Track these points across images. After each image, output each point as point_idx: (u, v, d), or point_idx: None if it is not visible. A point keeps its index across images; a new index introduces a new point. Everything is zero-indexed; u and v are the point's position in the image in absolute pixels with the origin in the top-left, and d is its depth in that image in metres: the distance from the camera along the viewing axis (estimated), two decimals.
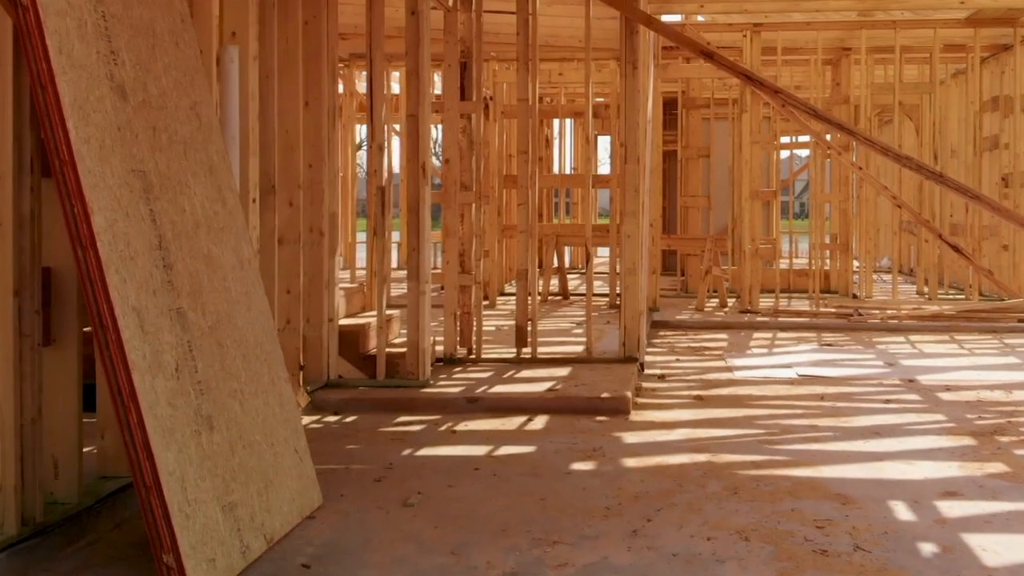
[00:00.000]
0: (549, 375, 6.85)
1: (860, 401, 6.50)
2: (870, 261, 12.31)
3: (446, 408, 6.06)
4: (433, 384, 6.48)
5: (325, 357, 6.39)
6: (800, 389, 6.88)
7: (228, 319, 4.00)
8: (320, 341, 6.36)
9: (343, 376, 6.52)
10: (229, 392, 3.86)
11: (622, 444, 5.30)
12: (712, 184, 13.29)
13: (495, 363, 7.31)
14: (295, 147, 6.01)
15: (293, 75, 6.01)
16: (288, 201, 6.00)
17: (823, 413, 6.10)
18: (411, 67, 6.44)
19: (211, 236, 4.04)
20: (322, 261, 6.36)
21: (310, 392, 6.14)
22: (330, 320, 6.43)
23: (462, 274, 7.39)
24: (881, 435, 5.55)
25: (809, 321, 10.24)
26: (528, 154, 7.41)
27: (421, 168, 6.40)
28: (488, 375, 6.88)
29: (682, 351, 8.64)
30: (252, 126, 5.29)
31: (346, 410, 6.09)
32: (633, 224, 7.30)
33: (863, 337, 9.52)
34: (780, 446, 5.29)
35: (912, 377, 7.32)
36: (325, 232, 6.37)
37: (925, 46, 12.09)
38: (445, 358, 7.30)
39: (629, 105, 7.32)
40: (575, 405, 6.03)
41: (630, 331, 7.33)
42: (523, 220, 7.44)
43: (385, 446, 5.28)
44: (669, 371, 7.59)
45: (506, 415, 5.94)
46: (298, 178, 6.01)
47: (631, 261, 7.32)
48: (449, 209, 7.31)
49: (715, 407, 6.26)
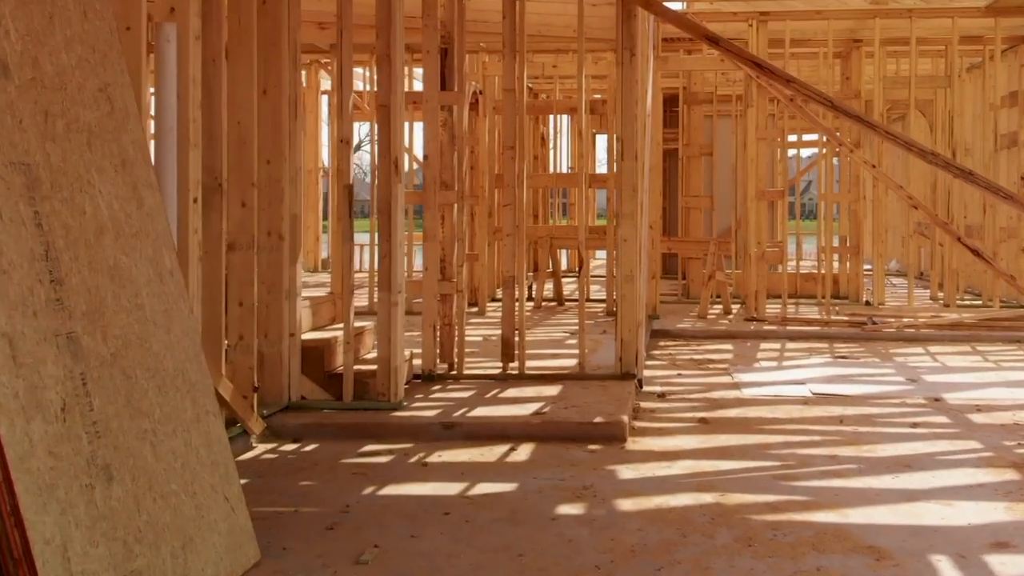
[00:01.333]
0: (537, 394, 6.17)
1: (883, 425, 5.82)
2: (882, 265, 11.61)
3: (419, 435, 5.38)
4: (406, 406, 5.81)
5: (285, 376, 5.71)
6: (816, 410, 6.20)
7: (140, 343, 3.32)
8: (279, 358, 5.69)
9: (306, 397, 5.84)
10: (137, 433, 3.18)
11: (617, 480, 4.61)
12: (714, 184, 12.62)
13: (478, 380, 6.63)
14: (249, 141, 5.33)
15: (247, 60, 5.33)
16: (240, 201, 5.32)
17: (843, 440, 5.42)
18: (382, 51, 5.76)
19: (120, 243, 3.36)
20: (282, 268, 5.68)
21: (266, 417, 5.46)
22: (291, 335, 5.75)
23: (442, 281, 6.71)
24: (911, 468, 4.88)
25: (820, 330, 9.55)
26: (515, 150, 6.73)
27: (393, 165, 5.72)
28: (469, 394, 6.20)
29: (684, 364, 7.96)
30: (192, 116, 4.62)
31: (306, 437, 5.41)
32: (631, 227, 6.63)
33: (878, 348, 8.84)
34: (798, 482, 4.60)
35: (938, 395, 6.64)
36: (286, 236, 5.70)
37: (940, 38, 11.41)
38: (423, 375, 6.62)
39: (626, 96, 6.65)
40: (564, 431, 5.35)
41: (627, 344, 6.65)
42: (509, 222, 6.76)
43: (345, 482, 4.59)
44: (670, 388, 6.91)
45: (486, 443, 5.26)
46: (252, 175, 5.33)
47: (628, 267, 6.65)
48: (429, 210, 6.64)
49: (722, 432, 5.58)
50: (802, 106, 9.98)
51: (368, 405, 5.74)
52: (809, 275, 12.74)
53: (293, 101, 5.74)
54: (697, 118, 12.44)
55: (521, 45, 6.72)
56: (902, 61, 12.99)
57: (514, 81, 6.74)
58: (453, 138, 6.73)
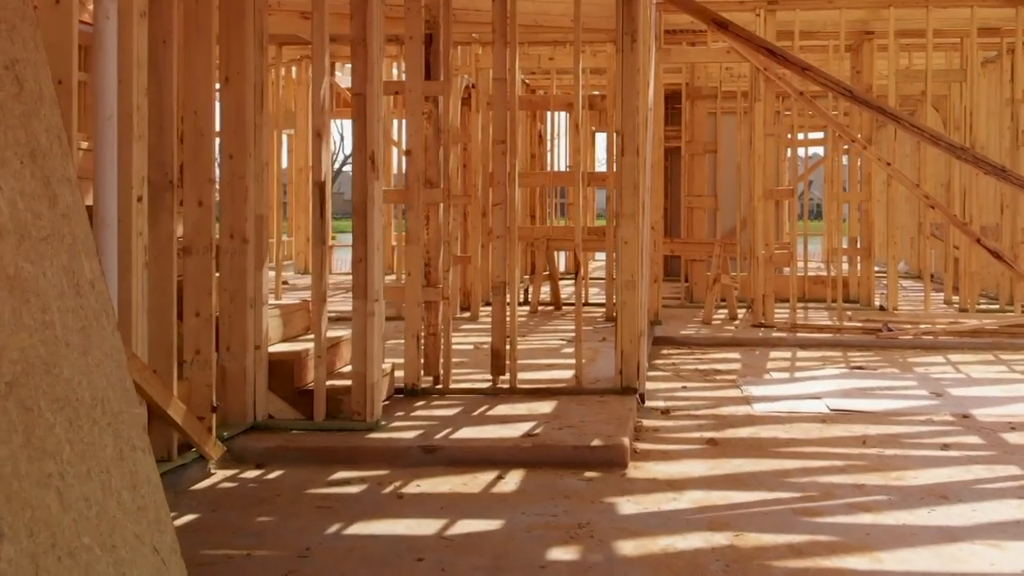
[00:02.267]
0: (529, 412, 5.62)
1: (911, 447, 5.27)
2: (895, 268, 11.05)
3: (396, 460, 4.83)
4: (384, 426, 5.26)
5: (250, 394, 5.17)
6: (835, 429, 5.66)
7: (46, 369, 2.77)
8: (243, 374, 5.14)
9: (274, 416, 5.30)
10: (39, 478, 2.63)
11: (616, 517, 4.06)
12: (718, 183, 12.08)
13: (466, 395, 6.09)
14: (207, 132, 4.79)
15: (205, 43, 4.78)
16: (197, 200, 4.77)
17: (869, 465, 4.88)
18: (357, 35, 5.22)
19: (25, 249, 2.82)
20: (246, 274, 5.14)
21: (227, 439, 4.92)
22: (257, 347, 5.20)
23: (427, 287, 6.17)
24: (948, 499, 4.33)
25: (832, 337, 9.00)
26: (506, 144, 6.18)
27: (369, 160, 5.17)
28: (455, 412, 5.65)
29: (689, 375, 7.41)
30: (137, 103, 4.08)
31: (271, 462, 4.86)
32: (631, 228, 6.09)
33: (895, 357, 8.29)
34: (822, 518, 4.06)
35: (966, 411, 6.10)
36: (250, 238, 5.15)
37: (956, 29, 10.87)
38: (406, 389, 6.08)
39: (627, 86, 6.11)
40: (558, 456, 4.80)
41: (628, 356, 6.11)
42: (500, 223, 6.21)
43: (308, 518, 4.05)
44: (675, 403, 6.36)
45: (471, 470, 4.71)
46: (210, 171, 4.78)
47: (629, 272, 6.10)
48: (412, 210, 6.09)
49: (733, 455, 5.04)
50: (812, 100, 9.43)
51: (341, 425, 5.20)
52: (817, 278, 12.19)
53: (259, 90, 5.20)
54: (700, 114, 11.90)
55: (512, 31, 6.17)
56: (914, 54, 12.45)
57: (505, 70, 6.19)
58: (439, 131, 6.18)
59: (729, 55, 9.74)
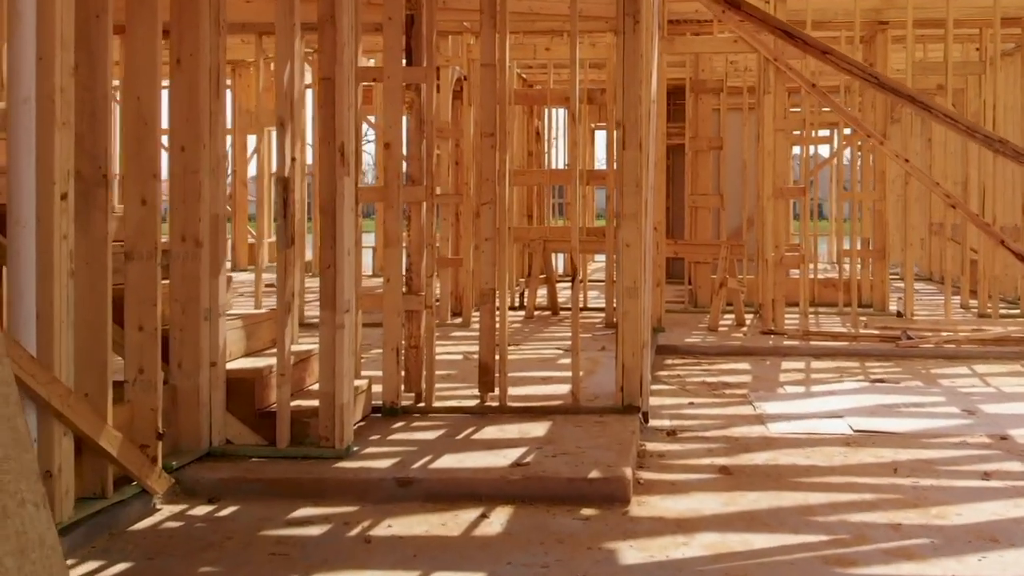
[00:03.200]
0: (520, 435, 5.04)
1: (948, 475, 4.69)
2: (912, 271, 10.45)
3: (367, 494, 4.25)
4: (356, 452, 4.67)
5: (205, 416, 4.59)
6: (861, 454, 5.07)
7: None
8: (197, 393, 4.56)
9: (232, 441, 4.71)
10: None
11: (617, 568, 3.48)
12: (723, 182, 11.50)
13: (450, 414, 5.51)
14: (152, 121, 4.20)
15: (148, 18, 4.19)
16: (140, 198, 4.18)
17: (904, 500, 4.29)
18: (324, 12, 4.63)
19: None
20: (200, 282, 4.56)
21: (176, 469, 4.34)
22: (213, 364, 4.62)
23: (408, 295, 5.59)
24: (999, 542, 3.76)
25: (848, 346, 8.42)
26: (495, 137, 5.60)
27: (339, 152, 4.59)
28: (437, 435, 5.07)
29: (696, 389, 6.82)
30: (60, 84, 3.50)
31: (226, 495, 4.28)
32: (633, 229, 5.50)
33: (917, 368, 7.70)
34: (857, 569, 3.48)
35: (1003, 432, 5.51)
36: (205, 241, 4.57)
37: (976, 19, 10.28)
38: (384, 407, 5.49)
39: (628, 73, 5.53)
40: (552, 490, 4.22)
41: (630, 371, 5.53)
42: (488, 224, 5.63)
43: (259, 567, 3.47)
44: (682, 422, 5.78)
45: (451, 506, 4.13)
46: (155, 165, 4.19)
47: (631, 278, 5.52)
48: (390, 209, 5.51)
49: (749, 487, 4.45)
50: (826, 94, 8.85)
51: (307, 452, 4.61)
52: (828, 281, 11.60)
53: (216, 74, 4.62)
54: (705, 108, 11.30)
55: (503, 14, 5.59)
56: (930, 46, 11.87)
57: (493, 56, 5.61)
58: (421, 123, 5.60)
59: (736, 44, 9.16)
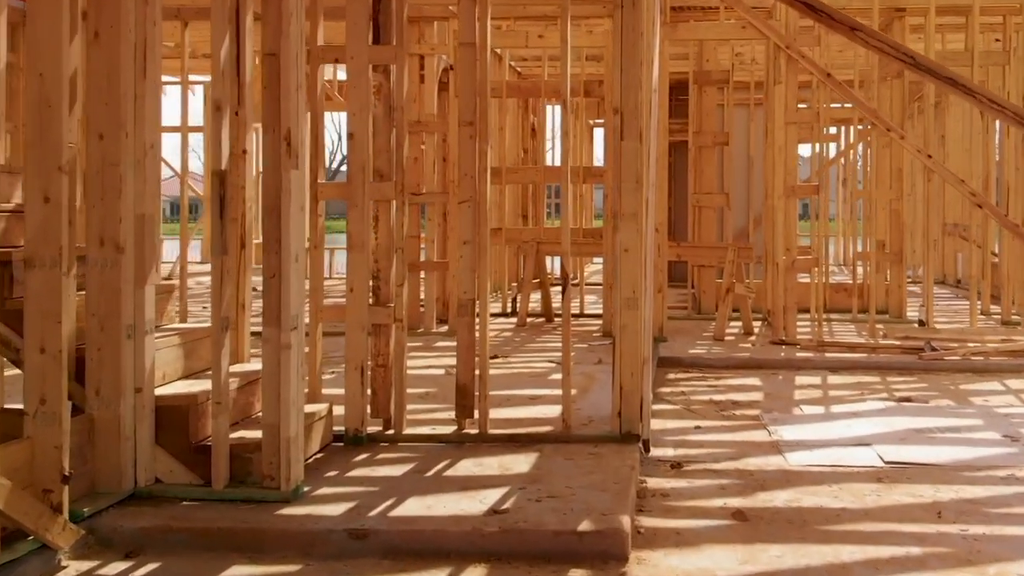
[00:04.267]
0: (501, 470, 4.34)
1: (1000, 520, 3.99)
2: (932, 275, 9.74)
3: (314, 548, 3.55)
4: (306, 495, 3.98)
5: (129, 450, 3.90)
6: (897, 492, 4.37)
7: None
8: (118, 424, 3.87)
9: (163, 480, 4.02)
10: None
11: None
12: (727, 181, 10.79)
13: (424, 443, 4.81)
14: (56, 104, 3.50)
15: None
16: (42, 194, 3.48)
17: (955, 554, 3.60)
18: None
19: None
20: (120, 293, 3.86)
21: (88, 517, 3.64)
22: (138, 390, 3.93)
23: (375, 307, 4.89)
24: None
25: (867, 358, 7.72)
26: (474, 126, 4.90)
27: (284, 141, 3.89)
28: (405, 470, 4.37)
29: (703, 410, 6.12)
30: None
31: (148, 548, 3.59)
32: (632, 231, 4.81)
33: (944, 383, 7.00)
34: None
35: None
36: (127, 245, 3.88)
37: (1002, 6, 9.57)
38: (347, 436, 4.80)
39: (627, 52, 4.84)
40: (534, 545, 3.52)
41: (628, 394, 4.83)
42: (467, 225, 4.93)
43: None
44: (687, 451, 5.08)
45: (415, 565, 3.43)
46: (59, 156, 3.49)
47: (631, 287, 4.82)
48: (355, 209, 4.81)
49: (769, 538, 3.76)
50: (842, 84, 8.16)
51: (248, 494, 3.91)
52: (840, 285, 10.90)
53: (143, 49, 3.92)
54: (709, 102, 10.59)
55: None
56: (948, 36, 11.16)
57: (474, 33, 4.91)
58: (391, 110, 4.90)
59: (745, 31, 8.46)
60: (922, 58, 4.60)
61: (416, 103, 8.95)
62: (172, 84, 15.40)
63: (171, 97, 15.31)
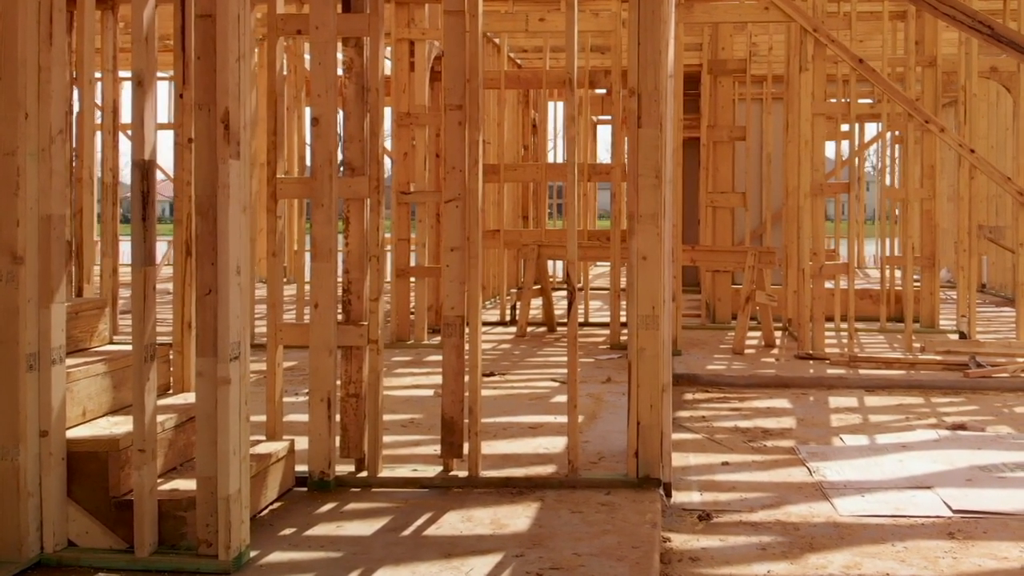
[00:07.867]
0: (493, 528, 3.57)
1: None
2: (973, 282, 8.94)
3: None
4: (252, 563, 3.20)
5: (32, 508, 3.13)
6: (975, 554, 3.59)
7: None
8: (17, 476, 3.10)
9: (76, 543, 3.25)
10: None
11: None
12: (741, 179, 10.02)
13: (402, 490, 4.04)
14: None
15: None
16: None
17: None
18: None
19: None
20: (18, 314, 3.10)
21: None
22: (44, 434, 3.16)
23: (345, 326, 4.11)
24: None
25: (905, 376, 6.94)
26: (463, 111, 4.13)
27: (222, 124, 3.11)
28: (377, 527, 3.60)
29: (729, 440, 5.34)
30: None
31: None
32: (651, 235, 4.04)
33: (996, 404, 6.23)
34: None
35: None
36: (27, 255, 3.11)
37: None
38: (312, 479, 4.02)
39: (645, 25, 4.09)
40: None
41: (647, 429, 4.05)
42: (453, 229, 4.15)
43: None
44: (716, 496, 4.30)
45: None
46: None
47: (649, 303, 4.05)
48: (320, 209, 4.04)
49: None
50: (876, 71, 7.39)
51: (179, 564, 3.14)
52: (864, 292, 10.11)
53: (48, 15, 3.15)
54: (725, 94, 9.84)
55: None
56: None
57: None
58: (363, 91, 4.13)
59: (767, 12, 7.67)
60: (1000, 27, 3.83)
61: (406, 93, 8.19)
62: (165, 80, 14.72)
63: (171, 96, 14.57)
